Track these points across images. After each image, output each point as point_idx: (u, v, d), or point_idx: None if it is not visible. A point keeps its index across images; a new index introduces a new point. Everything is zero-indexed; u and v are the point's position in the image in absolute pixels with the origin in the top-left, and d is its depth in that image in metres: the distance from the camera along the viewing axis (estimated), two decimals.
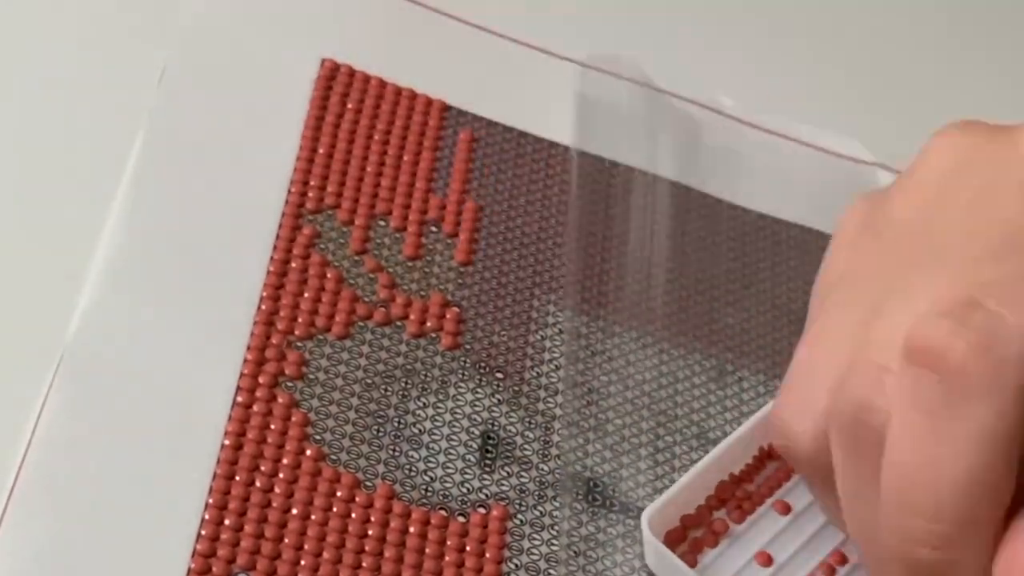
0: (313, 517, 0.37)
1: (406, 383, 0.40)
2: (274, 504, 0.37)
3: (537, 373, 0.41)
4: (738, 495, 0.40)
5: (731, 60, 0.52)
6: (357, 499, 0.38)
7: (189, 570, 0.35)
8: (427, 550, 0.37)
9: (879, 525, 0.33)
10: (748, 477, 0.41)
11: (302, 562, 0.36)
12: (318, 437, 0.38)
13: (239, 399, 0.38)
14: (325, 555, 0.36)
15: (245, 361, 0.39)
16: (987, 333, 0.32)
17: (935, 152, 0.37)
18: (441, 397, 0.40)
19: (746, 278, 0.46)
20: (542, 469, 0.40)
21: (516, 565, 0.38)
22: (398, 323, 0.41)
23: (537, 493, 0.39)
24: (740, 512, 0.40)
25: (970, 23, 0.56)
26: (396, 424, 0.39)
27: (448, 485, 0.39)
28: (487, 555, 0.38)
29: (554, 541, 0.39)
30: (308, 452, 0.38)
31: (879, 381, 0.33)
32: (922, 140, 0.37)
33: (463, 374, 0.41)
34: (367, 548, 0.37)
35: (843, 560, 0.40)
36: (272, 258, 0.41)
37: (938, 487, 0.32)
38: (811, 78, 0.53)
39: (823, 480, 0.36)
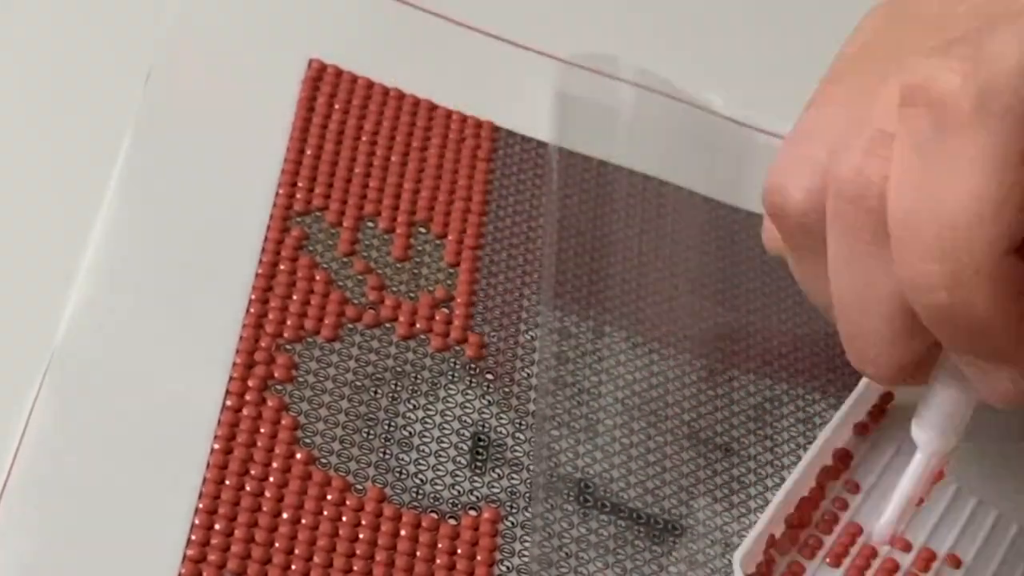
0: (303, 521, 0.37)
1: (396, 385, 0.40)
2: (264, 508, 0.37)
3: (528, 374, 0.41)
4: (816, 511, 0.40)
5: (717, 57, 0.51)
6: (347, 502, 0.37)
7: (179, 575, 0.35)
8: (418, 553, 0.37)
9: (881, 292, 0.34)
10: (820, 492, 0.40)
11: (293, 566, 0.36)
12: (308, 440, 0.38)
13: (228, 403, 0.38)
14: (316, 559, 0.36)
15: (234, 364, 0.39)
16: (969, 61, 0.32)
17: None
18: (431, 399, 0.40)
19: (735, 276, 0.45)
20: (533, 471, 0.40)
21: (507, 567, 0.38)
22: (387, 325, 0.41)
23: (528, 495, 0.39)
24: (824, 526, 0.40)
25: None
26: (386, 426, 0.39)
27: (439, 487, 0.39)
28: (478, 558, 0.38)
29: (545, 543, 0.39)
30: (298, 456, 0.38)
31: (881, 144, 0.33)
32: None
33: (453, 375, 0.41)
34: (358, 551, 0.37)
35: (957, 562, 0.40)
36: (260, 260, 0.41)
37: (942, 222, 0.32)
38: (798, 75, 0.52)
39: (807, 243, 0.36)
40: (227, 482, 0.37)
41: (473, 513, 0.38)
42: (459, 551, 0.38)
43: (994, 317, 0.32)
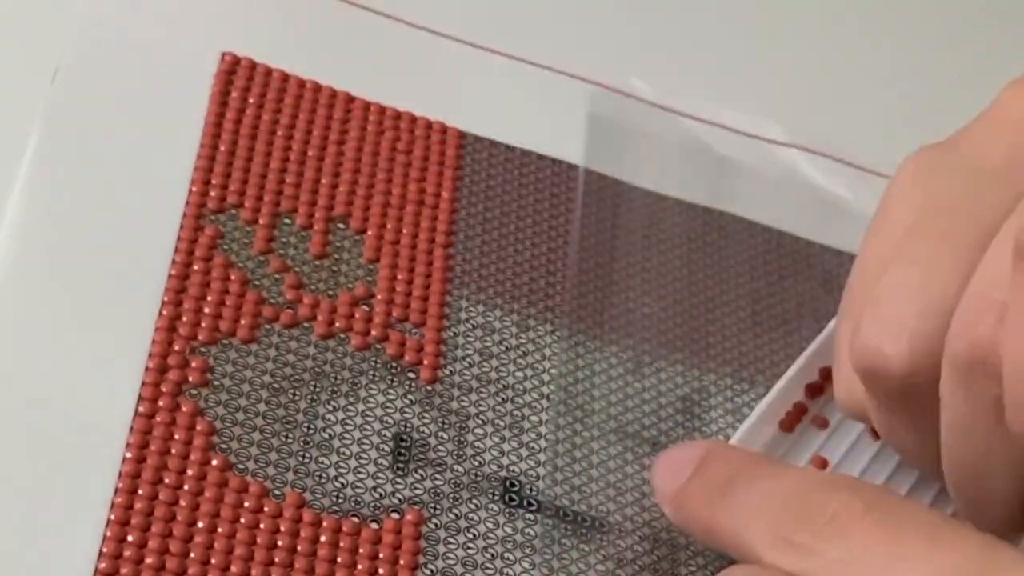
0: (220, 530, 0.36)
1: (315, 386, 0.39)
2: (179, 517, 0.36)
3: (450, 371, 0.41)
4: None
5: (743, 78, 0.51)
6: (266, 508, 0.37)
7: None
8: (339, 559, 0.36)
9: (1000, 458, 0.34)
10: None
11: None
12: (224, 446, 0.37)
13: (141, 409, 0.37)
14: (233, 568, 0.35)
15: (147, 369, 0.38)
16: None
17: (1013, 97, 0.38)
18: (352, 400, 0.39)
19: (664, 265, 0.45)
20: (457, 471, 0.39)
21: (432, 571, 0.37)
22: (306, 324, 0.40)
23: (452, 495, 0.38)
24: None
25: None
26: (305, 429, 0.38)
27: (360, 491, 0.38)
28: (401, 562, 0.37)
29: (470, 544, 0.38)
30: (214, 462, 0.37)
31: (995, 315, 0.34)
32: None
33: (374, 375, 0.40)
34: (276, 560, 0.36)
35: None
36: (173, 260, 0.40)
37: None
38: (820, 99, 0.52)
39: (904, 407, 0.36)
40: (140, 492, 0.36)
41: (395, 516, 0.38)
42: (381, 556, 0.37)
43: None
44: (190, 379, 0.38)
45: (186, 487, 0.36)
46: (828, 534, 0.33)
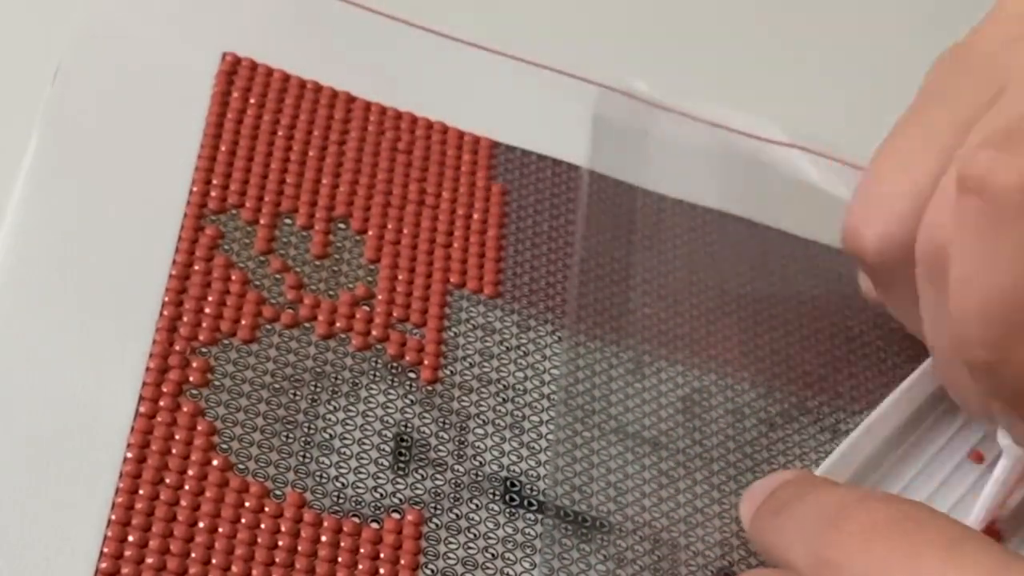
0: (221, 530, 0.36)
1: (316, 387, 0.39)
2: (180, 517, 0.36)
3: (451, 371, 0.41)
4: None
5: (747, 79, 0.51)
6: (266, 509, 0.37)
7: None
8: (340, 559, 0.36)
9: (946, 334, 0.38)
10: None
11: None
12: (225, 446, 0.37)
13: (142, 409, 0.37)
14: (234, 568, 0.35)
15: (147, 369, 0.38)
16: (1021, 157, 0.35)
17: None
18: (352, 400, 0.39)
19: (662, 265, 0.45)
20: (457, 471, 0.39)
21: (432, 571, 0.37)
22: (306, 325, 0.40)
23: (452, 495, 0.38)
24: None
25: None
26: (306, 430, 0.38)
27: (360, 491, 0.38)
28: (402, 562, 0.37)
29: (471, 544, 0.38)
30: (215, 462, 0.37)
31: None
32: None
33: (374, 375, 0.40)
34: (277, 560, 0.36)
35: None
36: (174, 261, 0.40)
37: (986, 296, 0.36)
38: (833, 100, 0.52)
39: (887, 283, 0.41)
40: (141, 491, 0.36)
41: (396, 516, 0.38)
42: (382, 555, 0.37)
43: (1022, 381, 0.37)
44: (191, 379, 0.38)
45: (187, 487, 0.36)
46: (853, 548, 0.34)
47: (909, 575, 0.33)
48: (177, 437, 0.37)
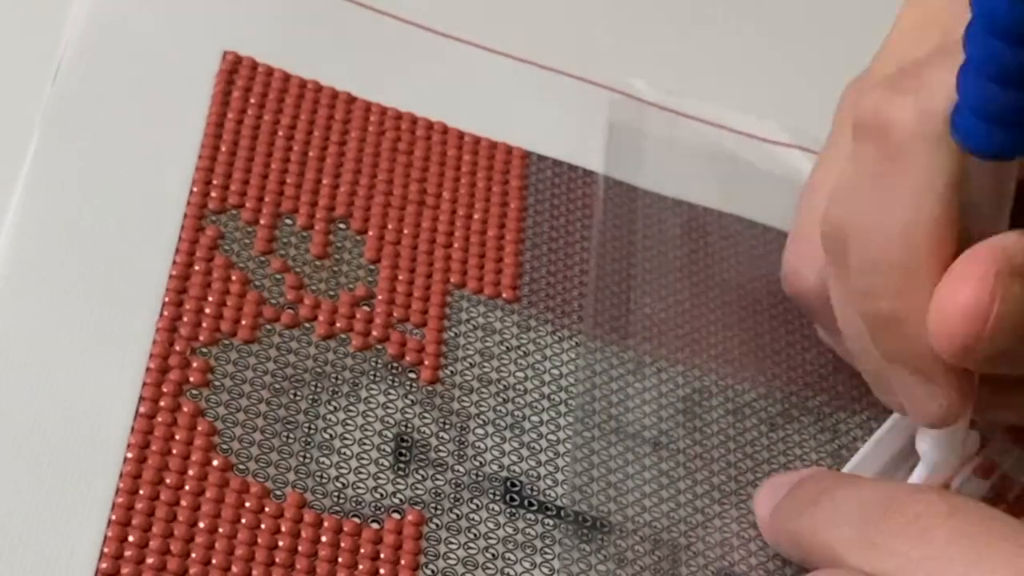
0: (221, 530, 0.36)
1: (316, 387, 0.39)
2: (180, 518, 0.36)
3: (451, 371, 0.41)
4: None
5: (759, 84, 0.51)
6: (267, 509, 0.37)
7: None
8: (340, 559, 0.36)
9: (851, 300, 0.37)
10: None
11: None
12: (225, 446, 0.37)
13: (142, 409, 0.37)
14: (234, 569, 0.35)
15: (148, 370, 0.38)
16: (911, 94, 0.35)
17: (907, 12, 0.41)
18: (352, 400, 0.39)
19: (663, 266, 0.45)
20: (458, 471, 0.39)
21: (432, 571, 0.37)
22: (306, 325, 0.40)
23: (453, 496, 0.38)
24: None
25: None
26: (306, 430, 0.38)
27: (361, 491, 0.38)
28: (402, 562, 0.37)
29: (471, 544, 0.38)
30: (215, 462, 0.37)
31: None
32: None
33: (375, 375, 0.40)
34: (277, 560, 0.36)
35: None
36: (174, 261, 0.40)
37: (883, 242, 0.35)
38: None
39: (828, 325, 0.41)
40: (141, 492, 0.36)
41: (396, 516, 0.38)
42: (382, 556, 0.37)
43: (924, 332, 0.35)
44: (191, 379, 0.38)
45: (187, 487, 0.36)
46: (910, 534, 0.34)
47: (974, 562, 0.33)
48: (177, 437, 0.37)
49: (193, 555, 0.35)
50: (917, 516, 0.34)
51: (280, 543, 0.36)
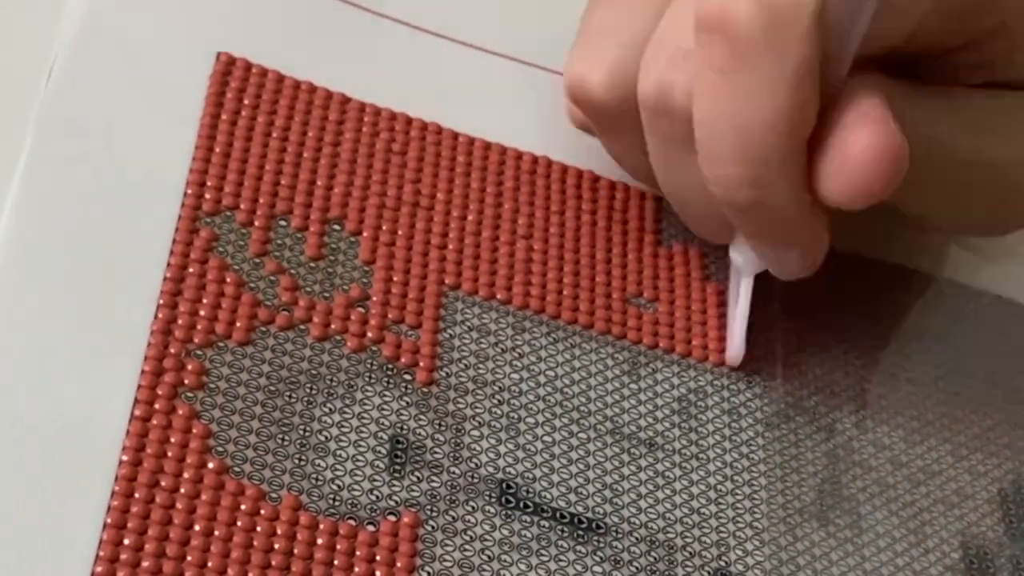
0: (216, 533, 0.36)
1: (311, 389, 0.39)
2: (175, 521, 0.36)
3: (446, 373, 0.41)
4: None
5: None
6: (262, 512, 0.36)
7: None
8: (336, 562, 0.36)
9: (697, 183, 0.38)
10: None
11: None
12: (220, 449, 0.37)
13: (136, 412, 0.37)
14: (230, 572, 0.35)
15: (142, 372, 0.38)
16: None
17: None
18: (348, 402, 0.39)
19: (656, 264, 0.45)
20: (453, 473, 0.39)
21: (429, 573, 0.37)
22: (301, 327, 0.40)
23: (449, 497, 0.38)
24: None
25: None
26: (302, 432, 0.38)
27: (356, 493, 0.38)
28: (398, 564, 0.37)
29: (467, 546, 0.38)
30: (210, 465, 0.37)
31: (680, 60, 0.38)
32: None
33: (370, 377, 0.40)
34: (273, 563, 0.36)
35: None
36: (168, 263, 0.40)
37: (742, 133, 0.36)
38: None
39: (612, 129, 0.41)
40: (136, 495, 0.36)
41: (392, 518, 0.38)
42: (378, 558, 0.37)
43: (787, 208, 0.38)
44: (186, 382, 0.38)
45: (182, 490, 0.36)
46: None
47: None
48: (172, 440, 0.37)
49: (189, 558, 0.35)
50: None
51: (276, 546, 0.36)
